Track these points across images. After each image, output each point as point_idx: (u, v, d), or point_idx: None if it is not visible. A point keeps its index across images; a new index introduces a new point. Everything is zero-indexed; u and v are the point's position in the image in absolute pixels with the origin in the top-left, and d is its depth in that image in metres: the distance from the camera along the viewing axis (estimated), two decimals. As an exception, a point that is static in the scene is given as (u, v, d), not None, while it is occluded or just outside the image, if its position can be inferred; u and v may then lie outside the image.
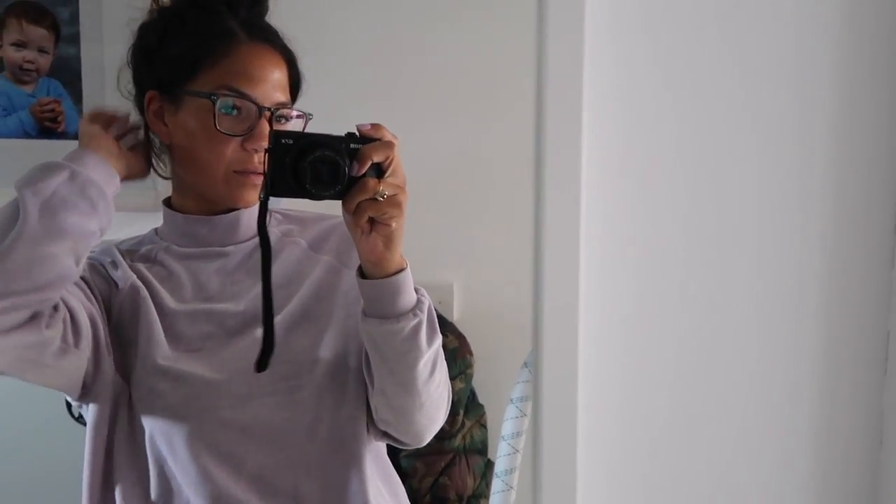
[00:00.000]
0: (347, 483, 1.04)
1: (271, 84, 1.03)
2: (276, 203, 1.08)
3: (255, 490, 1.00)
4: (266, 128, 1.01)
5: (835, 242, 0.59)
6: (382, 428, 1.05)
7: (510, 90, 1.74)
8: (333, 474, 1.04)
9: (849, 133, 0.59)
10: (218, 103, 1.00)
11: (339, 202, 0.90)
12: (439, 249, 1.78)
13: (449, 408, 1.09)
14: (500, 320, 1.86)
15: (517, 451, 1.36)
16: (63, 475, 1.56)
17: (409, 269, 0.94)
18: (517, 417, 1.37)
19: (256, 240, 1.06)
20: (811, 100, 0.59)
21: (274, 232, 1.13)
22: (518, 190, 1.79)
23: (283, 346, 1.00)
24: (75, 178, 0.94)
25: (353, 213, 0.88)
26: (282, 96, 1.05)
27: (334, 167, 0.86)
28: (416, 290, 0.96)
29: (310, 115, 1.08)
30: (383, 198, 0.87)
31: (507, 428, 1.37)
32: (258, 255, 1.02)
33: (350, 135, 0.89)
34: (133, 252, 1.12)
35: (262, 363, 0.93)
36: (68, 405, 1.42)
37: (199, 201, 1.09)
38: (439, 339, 0.99)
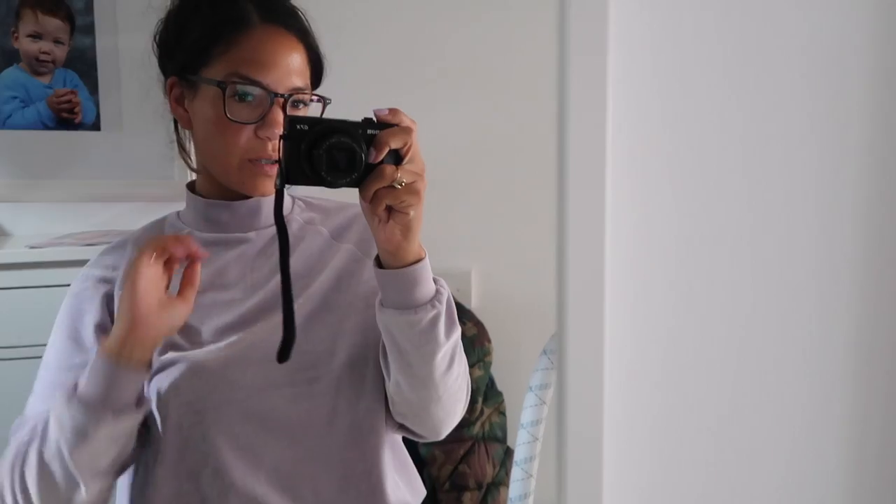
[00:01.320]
0: (366, 476, 1.03)
1: (285, 69, 1.02)
2: (296, 191, 1.07)
3: (275, 484, 0.99)
4: (279, 115, 0.99)
5: (869, 234, 0.58)
6: (399, 420, 1.04)
7: (532, 75, 1.73)
8: (352, 467, 1.03)
9: (887, 119, 0.57)
10: (228, 91, 0.99)
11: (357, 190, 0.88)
12: (457, 237, 1.78)
13: (468, 401, 1.07)
14: (518, 307, 1.85)
15: (536, 439, 1.36)
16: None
17: (427, 259, 0.92)
18: (536, 405, 1.36)
19: None
20: (848, 86, 0.57)
21: (296, 220, 1.12)
22: (536, 177, 1.78)
23: (302, 337, 0.98)
24: (116, 425, 0.91)
25: (369, 201, 0.85)
26: (298, 81, 1.03)
27: (351, 154, 0.84)
28: (435, 281, 0.94)
29: (328, 99, 1.07)
30: (401, 185, 0.84)
31: (526, 416, 1.36)
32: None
33: (367, 120, 0.87)
34: None
35: (283, 353, 0.91)
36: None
37: (220, 187, 1.07)
38: (458, 332, 0.97)
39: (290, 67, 1.02)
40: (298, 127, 0.86)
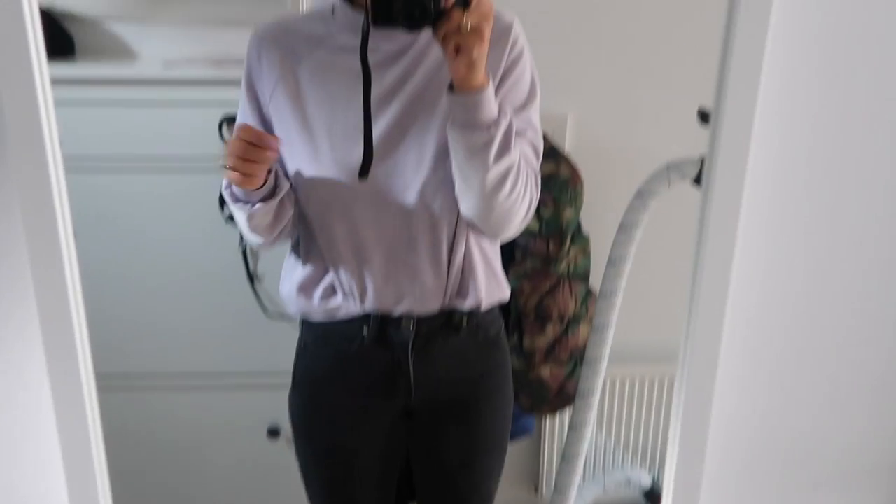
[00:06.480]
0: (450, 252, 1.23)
1: None
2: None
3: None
4: None
5: None
6: (464, 214, 1.20)
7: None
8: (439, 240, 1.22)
9: None
10: None
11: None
12: (554, 81, 1.80)
13: (528, 217, 1.22)
14: (610, 153, 1.89)
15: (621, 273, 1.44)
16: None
17: (488, 90, 1.07)
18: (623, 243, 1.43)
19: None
20: None
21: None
22: (640, 29, 1.77)
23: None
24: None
25: (440, 42, 1.03)
26: None
27: (422, 5, 1.01)
28: (503, 113, 1.09)
29: None
30: (467, 29, 1.00)
31: (615, 251, 1.43)
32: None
33: None
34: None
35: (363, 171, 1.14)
36: (221, 205, 1.58)
37: None
38: (511, 157, 1.12)
39: None
40: None
